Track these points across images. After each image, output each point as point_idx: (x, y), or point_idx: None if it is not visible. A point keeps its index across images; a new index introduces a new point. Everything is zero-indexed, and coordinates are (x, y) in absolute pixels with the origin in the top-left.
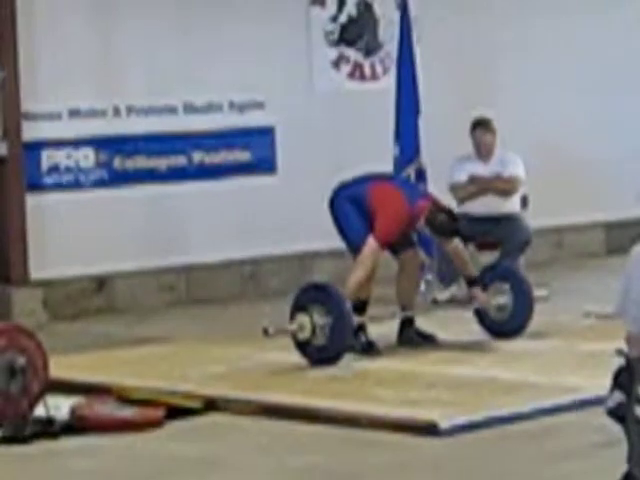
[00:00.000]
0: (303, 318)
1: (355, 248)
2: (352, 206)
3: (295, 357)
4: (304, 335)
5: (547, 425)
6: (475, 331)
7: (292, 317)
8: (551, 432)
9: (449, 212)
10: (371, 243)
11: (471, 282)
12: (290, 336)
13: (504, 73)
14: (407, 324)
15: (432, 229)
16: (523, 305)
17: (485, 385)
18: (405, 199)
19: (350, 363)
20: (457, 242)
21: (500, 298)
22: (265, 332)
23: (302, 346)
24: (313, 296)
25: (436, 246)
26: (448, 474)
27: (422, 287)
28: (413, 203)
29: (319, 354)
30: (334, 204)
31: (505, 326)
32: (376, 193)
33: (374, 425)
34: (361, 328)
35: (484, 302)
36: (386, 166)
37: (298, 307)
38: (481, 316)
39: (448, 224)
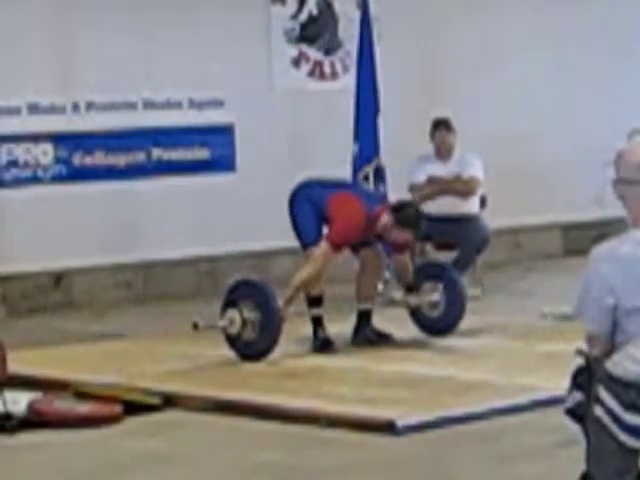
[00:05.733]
0: (233, 313)
1: (305, 244)
2: (311, 206)
3: None
4: (234, 330)
5: (504, 425)
6: None
7: (223, 312)
8: (509, 432)
9: (414, 205)
10: (323, 245)
11: (408, 288)
12: (221, 331)
13: (464, 73)
14: (364, 321)
15: (399, 221)
16: (455, 303)
17: (442, 384)
18: (363, 205)
19: (279, 359)
20: (406, 258)
21: (433, 296)
22: (195, 326)
23: (232, 341)
24: (244, 292)
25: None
26: (405, 473)
27: (380, 286)
28: (371, 209)
29: (248, 349)
30: (295, 199)
31: (437, 324)
32: (335, 201)
33: (331, 423)
34: (318, 324)
35: (416, 304)
36: (345, 165)
37: (229, 302)
38: (415, 314)
39: (415, 215)
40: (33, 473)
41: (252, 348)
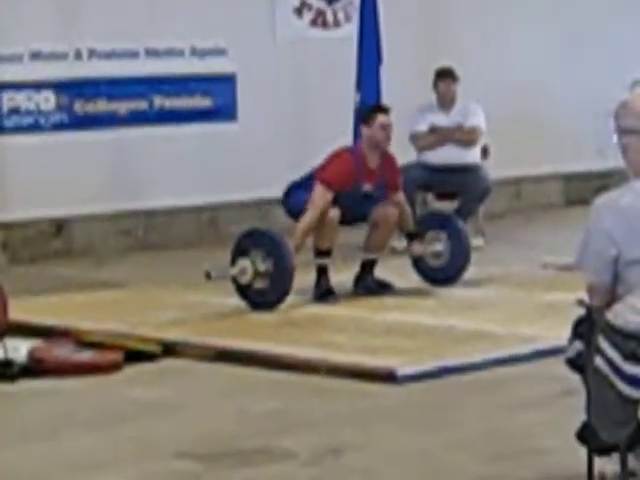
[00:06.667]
0: (245, 262)
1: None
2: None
3: None
4: (245, 279)
5: (505, 374)
6: None
7: (233, 261)
8: (509, 381)
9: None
10: (317, 187)
11: (410, 236)
12: (231, 280)
13: (467, 22)
14: (367, 270)
15: (367, 118)
16: (459, 253)
17: (443, 333)
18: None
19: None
20: (400, 196)
21: (436, 245)
22: (207, 276)
23: (243, 290)
24: (255, 241)
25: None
26: (405, 422)
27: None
28: (356, 148)
29: (259, 298)
30: (288, 200)
31: (441, 273)
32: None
33: (332, 372)
34: (322, 273)
35: (420, 253)
36: (347, 114)
37: (240, 251)
38: (418, 263)
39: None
40: (33, 420)
41: (264, 297)
